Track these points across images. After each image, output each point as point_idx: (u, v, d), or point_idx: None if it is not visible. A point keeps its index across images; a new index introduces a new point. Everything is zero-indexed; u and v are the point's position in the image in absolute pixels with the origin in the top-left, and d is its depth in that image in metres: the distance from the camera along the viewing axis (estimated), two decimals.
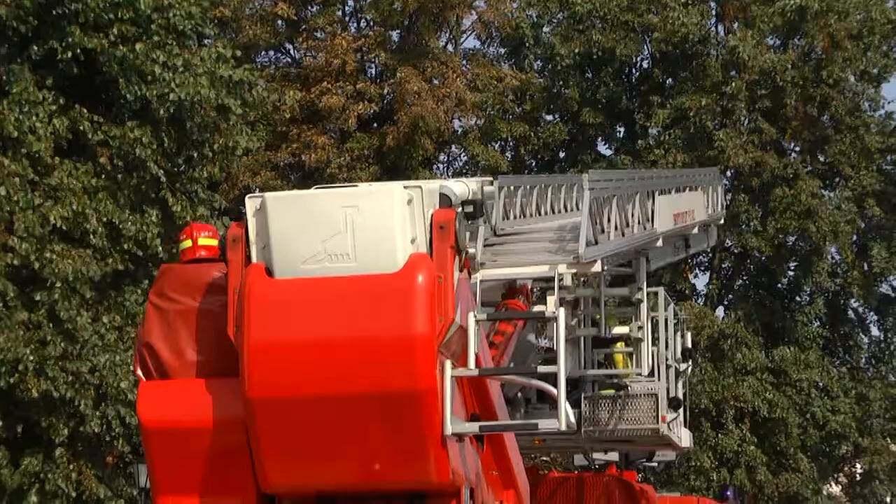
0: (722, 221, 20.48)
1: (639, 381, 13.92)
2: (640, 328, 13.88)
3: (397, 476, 10.28)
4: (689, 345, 15.97)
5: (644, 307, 14.01)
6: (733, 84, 33.35)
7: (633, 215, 13.47)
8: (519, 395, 12.15)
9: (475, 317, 10.41)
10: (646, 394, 13.90)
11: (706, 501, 17.03)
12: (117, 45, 20.85)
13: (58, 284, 19.44)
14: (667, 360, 14.48)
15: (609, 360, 14.12)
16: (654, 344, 14.12)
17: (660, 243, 14.72)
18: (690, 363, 15.95)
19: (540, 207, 13.05)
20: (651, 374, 14.00)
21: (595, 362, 13.88)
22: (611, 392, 13.86)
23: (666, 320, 14.58)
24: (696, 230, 17.00)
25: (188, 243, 11.39)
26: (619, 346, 14.00)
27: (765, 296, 34.64)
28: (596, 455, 15.89)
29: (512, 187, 12.40)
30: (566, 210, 13.61)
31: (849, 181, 34.35)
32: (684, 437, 15.12)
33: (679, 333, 15.31)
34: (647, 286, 14.24)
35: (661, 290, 14.80)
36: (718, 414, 30.78)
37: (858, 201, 33.50)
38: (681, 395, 14.81)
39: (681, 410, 14.83)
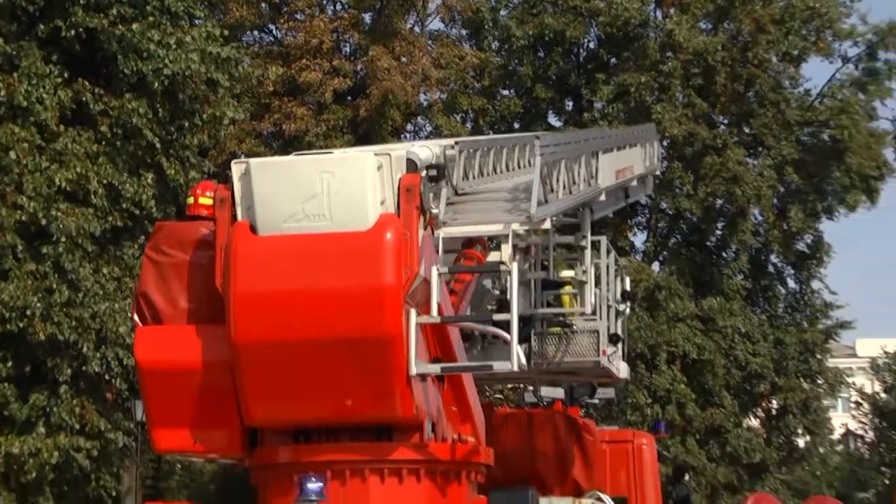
0: (658, 172, 20.43)
1: (583, 319, 13.89)
2: (584, 272, 13.84)
3: (367, 411, 10.35)
4: (628, 288, 15.99)
5: (588, 254, 14.00)
6: (669, 63, 33.39)
7: (579, 174, 13.43)
8: (476, 332, 12.16)
9: (438, 270, 10.44)
10: (588, 330, 13.89)
11: (641, 433, 17.01)
12: (116, 24, 20.86)
13: (63, 239, 19.40)
14: (608, 301, 14.45)
15: (557, 300, 14.08)
16: (596, 286, 14.09)
17: (603, 198, 14.73)
18: (628, 304, 15.96)
19: (496, 167, 12.97)
20: (593, 313, 13.98)
21: (544, 302, 13.85)
22: (557, 329, 13.85)
23: (607, 266, 14.56)
24: (634, 182, 16.94)
25: (191, 200, 11.41)
26: (567, 288, 13.97)
27: (695, 252, 34.81)
28: (544, 393, 15.88)
29: (471, 150, 12.31)
30: (520, 167, 13.53)
31: (770, 151, 34.42)
32: (622, 369, 15.17)
33: (619, 278, 15.30)
34: (592, 235, 14.23)
35: (603, 239, 14.77)
36: (653, 357, 30.97)
37: (779, 169, 33.60)
38: (620, 332, 14.81)
39: (619, 345, 14.87)
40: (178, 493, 30.20)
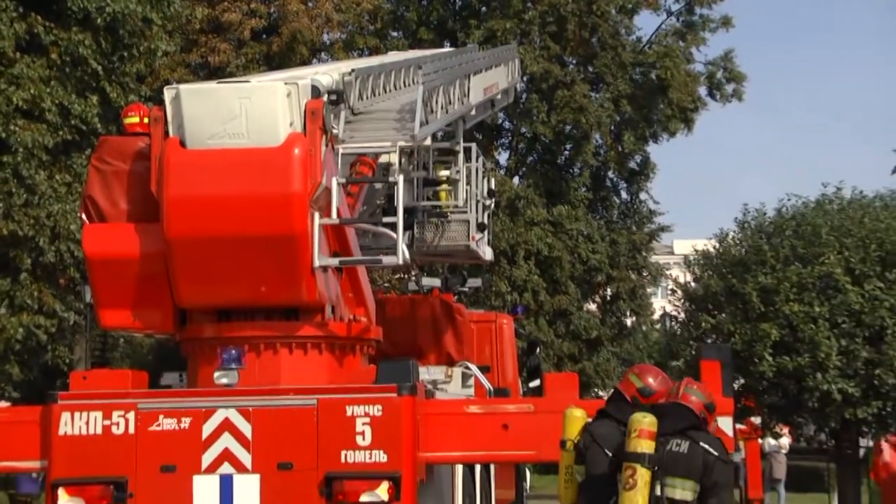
0: (519, 84, 20.42)
1: (456, 211, 14.01)
2: (457, 172, 13.97)
3: (278, 296, 10.37)
4: (493, 187, 16.13)
5: (461, 157, 14.08)
6: (529, 13, 33.37)
7: (454, 95, 13.43)
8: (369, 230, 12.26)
9: (337, 180, 10.41)
10: (460, 220, 14.01)
11: (502, 315, 17.24)
12: None
13: (20, 150, 18.95)
14: (476, 196, 14.51)
15: (435, 195, 14.13)
16: (467, 184, 14.17)
17: (473, 112, 14.80)
18: (493, 200, 16.10)
19: (387, 88, 12.89)
20: (465, 206, 14.09)
21: (425, 196, 13.88)
22: (435, 219, 13.97)
23: (476, 168, 14.61)
24: (500, 95, 16.94)
25: (135, 119, 11.12)
26: (443, 185, 14.02)
27: (548, 168, 35.06)
28: (424, 282, 16.03)
29: (366, 75, 12.22)
30: (406, 86, 13.46)
31: (609, 87, 34.63)
32: (487, 252, 15.36)
33: (485, 179, 15.36)
34: (464, 142, 14.31)
35: (473, 146, 14.79)
36: (513, 254, 31.26)
37: (615, 101, 33.88)
38: (486, 222, 14.92)
39: (485, 233, 14.99)
40: (122, 362, 30.08)
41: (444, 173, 14.01)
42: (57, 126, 19.34)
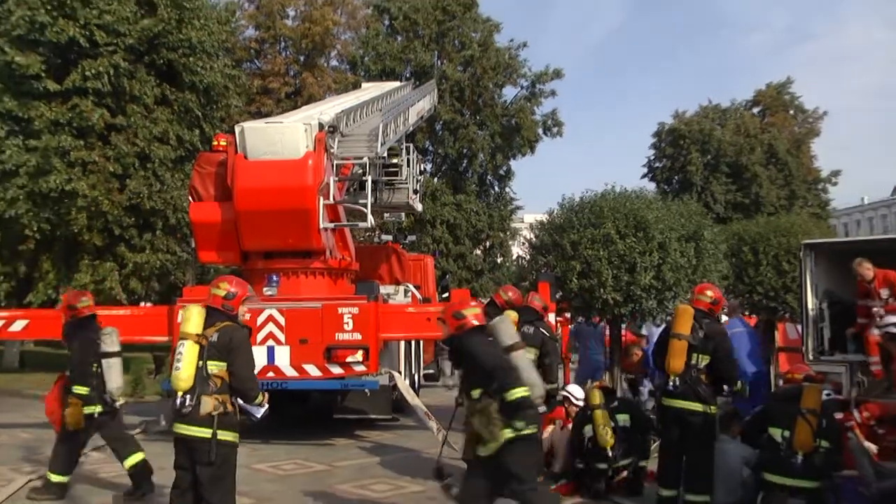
0: (436, 104, 19.72)
1: (401, 182, 13.73)
2: (402, 159, 13.67)
3: (299, 245, 10.32)
4: (422, 168, 15.95)
5: (404, 150, 13.82)
6: (444, 85, 32.11)
7: (400, 121, 13.29)
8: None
9: (333, 178, 10.38)
10: (404, 187, 13.75)
11: (428, 256, 17.21)
12: (187, 57, 18.90)
13: (157, 160, 17.86)
14: (413, 173, 14.17)
15: (389, 173, 13.83)
16: (407, 166, 13.86)
17: (411, 129, 14.64)
18: (423, 176, 15.77)
19: (361, 116, 12.49)
20: (406, 179, 13.80)
21: (383, 174, 13.39)
22: (390, 186, 13.68)
23: (411, 159, 14.05)
24: (426, 114, 16.71)
25: (219, 143, 10.93)
26: (394, 165, 13.67)
27: (454, 173, 33.41)
28: (383, 237, 15.90)
29: (349, 113, 11.86)
30: (372, 114, 12.96)
31: (488, 127, 33.47)
32: (419, 207, 15.23)
33: (419, 164, 14.92)
34: (406, 142, 14.03)
35: (411, 146, 14.30)
36: (433, 222, 30.51)
37: (492, 136, 32.61)
38: (418, 188, 14.62)
39: (417, 195, 14.64)
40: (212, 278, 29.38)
41: (394, 160, 13.73)
42: (176, 147, 18.73)
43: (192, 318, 5.04)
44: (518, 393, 4.80)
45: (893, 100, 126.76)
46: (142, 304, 19.03)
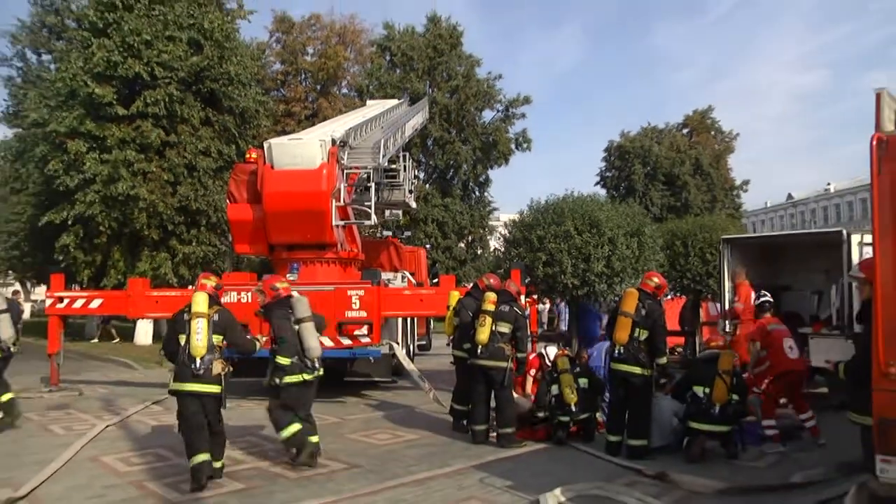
0: (427, 118, 19.17)
1: (398, 183, 13.33)
2: (399, 164, 13.14)
3: (316, 239, 10.17)
4: (416, 173, 15.57)
5: (401, 157, 13.59)
6: (435, 108, 31.79)
7: (398, 134, 13.12)
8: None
9: (343, 184, 10.22)
10: (400, 187, 13.44)
11: (420, 248, 17.04)
12: (228, 86, 18.78)
13: (201, 170, 17.63)
14: (409, 176, 13.91)
15: (390, 176, 13.43)
16: (404, 170, 13.59)
17: (407, 140, 14.37)
18: (419, 177, 15.46)
19: (366, 131, 12.18)
20: (402, 181, 13.50)
21: (384, 177, 13.16)
22: (389, 187, 13.43)
23: (409, 165, 13.82)
24: (419, 127, 16.48)
25: (251, 155, 10.56)
26: (393, 169, 13.39)
27: (442, 180, 33.11)
28: (385, 233, 15.77)
29: (358, 129, 11.67)
30: (374, 128, 12.75)
31: (471, 143, 33.10)
32: (413, 204, 14.67)
33: (414, 170, 14.68)
34: (403, 151, 13.74)
35: (407, 154, 14.03)
36: (425, 220, 30.28)
37: (474, 150, 32.34)
38: (412, 189, 14.16)
39: (412, 193, 14.35)
40: (246, 269, 28.87)
41: (393, 165, 13.52)
42: (217, 159, 18.67)
43: (203, 302, 5.49)
44: (280, 361, 5.86)
45: (789, 125, 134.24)
46: (189, 287, 18.92)
